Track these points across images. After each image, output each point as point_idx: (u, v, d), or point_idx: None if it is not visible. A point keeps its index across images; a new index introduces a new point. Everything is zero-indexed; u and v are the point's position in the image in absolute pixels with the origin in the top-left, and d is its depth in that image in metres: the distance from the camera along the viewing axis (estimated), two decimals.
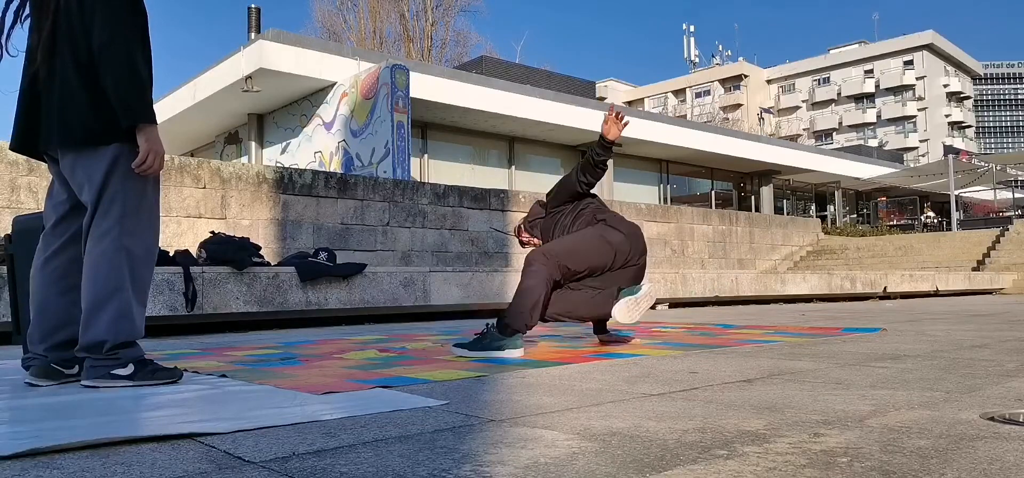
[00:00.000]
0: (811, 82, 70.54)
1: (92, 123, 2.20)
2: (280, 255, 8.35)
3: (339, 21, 35.82)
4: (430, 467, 1.21)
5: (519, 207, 11.23)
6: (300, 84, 14.98)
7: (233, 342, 4.15)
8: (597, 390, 2.04)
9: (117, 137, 2.21)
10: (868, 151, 35.45)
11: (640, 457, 1.26)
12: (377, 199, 9.61)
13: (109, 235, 2.21)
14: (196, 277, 5.34)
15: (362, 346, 3.64)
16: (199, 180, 8.23)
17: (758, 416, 1.62)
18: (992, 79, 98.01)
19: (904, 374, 2.32)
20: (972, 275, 13.89)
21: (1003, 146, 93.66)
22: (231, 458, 1.29)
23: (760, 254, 16.40)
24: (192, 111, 17.00)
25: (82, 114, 2.20)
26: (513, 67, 22.15)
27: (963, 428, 1.47)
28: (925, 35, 65.45)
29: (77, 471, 1.22)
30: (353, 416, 1.67)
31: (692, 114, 59.66)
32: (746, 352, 3.07)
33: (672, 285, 8.89)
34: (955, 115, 66.99)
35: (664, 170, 23.10)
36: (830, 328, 4.52)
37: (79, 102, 2.21)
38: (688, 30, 72.08)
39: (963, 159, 25.93)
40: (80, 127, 2.20)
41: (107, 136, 2.21)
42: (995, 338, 3.62)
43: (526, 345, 3.35)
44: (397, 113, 13.30)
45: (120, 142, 2.22)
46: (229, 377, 2.44)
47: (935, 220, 30.10)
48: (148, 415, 1.76)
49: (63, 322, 2.30)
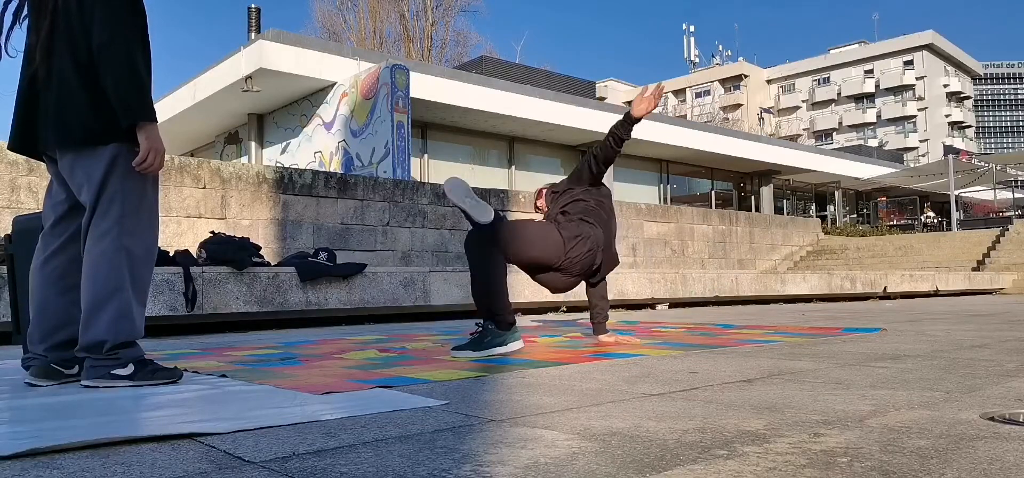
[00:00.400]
0: (811, 82, 70.56)
1: (91, 123, 2.20)
2: (280, 255, 8.35)
3: (339, 21, 35.85)
4: (430, 467, 1.21)
5: (519, 207, 11.23)
6: (300, 84, 14.99)
7: (233, 342, 4.15)
8: (597, 390, 2.04)
9: (116, 137, 2.21)
10: (868, 151, 35.45)
11: (640, 457, 1.26)
12: (377, 199, 9.61)
13: (108, 235, 2.21)
14: (196, 277, 5.34)
15: (362, 346, 3.64)
16: (199, 180, 8.23)
17: (758, 416, 1.62)
18: (992, 79, 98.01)
19: (904, 374, 2.32)
20: (972, 275, 13.89)
21: (1003, 146, 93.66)
22: (231, 458, 1.29)
23: (760, 254, 16.41)
24: (192, 111, 17.00)
25: (81, 114, 2.20)
26: (513, 67, 22.15)
27: (963, 428, 1.47)
28: (925, 35, 65.46)
29: (77, 471, 1.22)
30: (353, 416, 1.67)
31: (692, 114, 59.67)
32: (746, 352, 3.07)
33: (672, 285, 8.89)
34: (955, 115, 67.00)
35: (664, 170, 23.10)
36: (830, 328, 4.52)
37: (78, 102, 2.20)
38: (688, 30, 72.19)
39: (963, 159, 25.93)
40: (79, 127, 2.20)
41: (106, 136, 2.21)
42: (995, 338, 3.62)
43: (526, 346, 3.36)
44: (397, 113, 13.30)
45: (119, 142, 2.22)
46: (229, 377, 2.44)
47: (935, 220, 30.10)
48: (148, 415, 1.76)
49: (63, 322, 2.30)
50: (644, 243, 13.72)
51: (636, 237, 13.57)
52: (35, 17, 2.28)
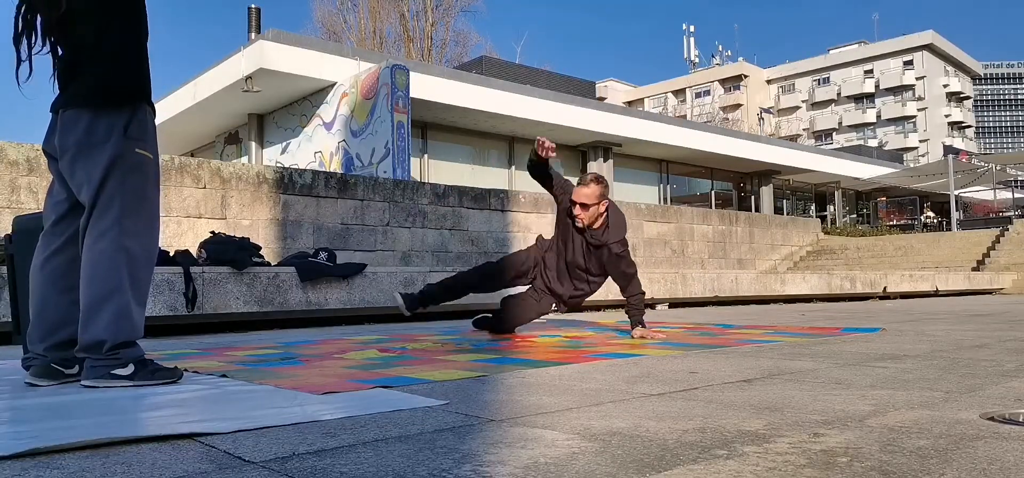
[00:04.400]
0: (811, 82, 70.52)
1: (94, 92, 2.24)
2: (280, 255, 8.34)
3: (339, 21, 35.83)
4: (430, 467, 1.21)
5: (519, 207, 11.23)
6: (300, 84, 14.98)
7: (233, 342, 4.15)
8: (597, 390, 2.04)
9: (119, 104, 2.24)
10: (868, 151, 35.45)
11: (640, 457, 1.26)
12: (377, 199, 9.61)
13: (107, 235, 2.21)
14: (196, 277, 5.34)
15: (362, 346, 3.64)
16: (199, 180, 8.23)
17: (758, 416, 1.63)
18: (992, 79, 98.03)
19: (904, 374, 2.32)
20: (972, 275, 13.89)
21: (1003, 146, 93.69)
22: (231, 458, 1.29)
23: (760, 254, 16.40)
24: (192, 111, 17.00)
25: (86, 85, 2.23)
26: (513, 67, 22.14)
27: (963, 428, 1.47)
28: (925, 35, 65.44)
29: (77, 471, 1.22)
30: (353, 416, 1.67)
31: (692, 114, 59.67)
32: (746, 352, 3.07)
33: (672, 285, 8.89)
34: (955, 115, 66.97)
35: (664, 170, 23.10)
36: (830, 328, 4.52)
37: (85, 76, 2.24)
38: (688, 30, 72.14)
39: (963, 159, 25.93)
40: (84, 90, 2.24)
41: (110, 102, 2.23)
42: (995, 338, 3.62)
43: (527, 347, 3.37)
44: (397, 113, 13.30)
45: (124, 108, 2.25)
46: (229, 377, 2.44)
47: (935, 220, 30.10)
48: (148, 415, 1.76)
49: (63, 322, 2.30)
50: (644, 243, 13.72)
51: (636, 237, 13.56)
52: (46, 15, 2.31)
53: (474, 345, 3.57)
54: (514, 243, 11.05)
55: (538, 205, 11.57)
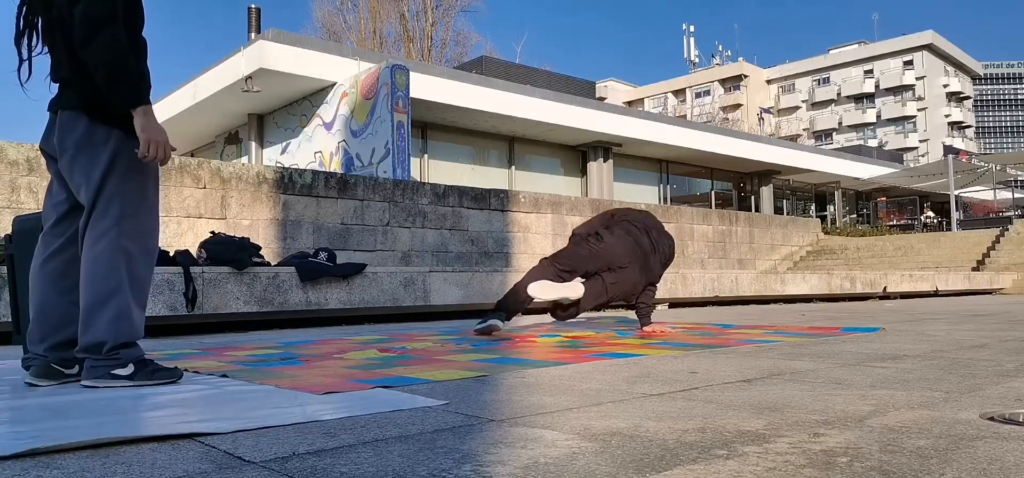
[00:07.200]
0: (811, 82, 70.55)
1: (90, 100, 2.22)
2: (280, 255, 8.34)
3: (339, 21, 35.85)
4: (430, 467, 1.21)
5: (519, 207, 11.23)
6: (300, 84, 14.98)
7: (233, 342, 4.15)
8: (597, 390, 2.04)
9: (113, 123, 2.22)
10: (868, 151, 35.45)
11: (640, 457, 1.26)
12: (377, 199, 9.61)
13: (107, 236, 2.21)
14: (196, 277, 5.34)
15: (362, 346, 3.64)
16: (199, 180, 8.23)
17: (758, 416, 1.63)
18: (992, 79, 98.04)
19: (904, 374, 2.32)
20: (972, 275, 13.89)
21: (1003, 146, 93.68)
22: (231, 458, 1.29)
23: (760, 254, 16.40)
24: (192, 111, 17.00)
25: (81, 91, 2.23)
26: (513, 67, 22.14)
27: (963, 428, 1.47)
28: (925, 35, 65.46)
29: (77, 471, 1.22)
30: (353, 416, 1.67)
31: (692, 114, 59.68)
32: (746, 352, 3.07)
33: (672, 285, 8.89)
34: (955, 115, 66.99)
35: (664, 170, 23.10)
36: (830, 328, 4.52)
37: (78, 82, 2.23)
38: (688, 30, 72.17)
39: (963, 159, 25.93)
40: (77, 97, 2.23)
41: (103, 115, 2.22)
42: (995, 338, 3.62)
43: (527, 347, 3.38)
44: (397, 113, 13.30)
45: (118, 127, 2.22)
46: (229, 377, 2.44)
47: (935, 220, 30.10)
48: (148, 415, 1.76)
49: (63, 322, 2.30)
50: None
51: None
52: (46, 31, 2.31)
53: (474, 345, 3.57)
54: (514, 243, 11.06)
55: (538, 205, 11.57)
